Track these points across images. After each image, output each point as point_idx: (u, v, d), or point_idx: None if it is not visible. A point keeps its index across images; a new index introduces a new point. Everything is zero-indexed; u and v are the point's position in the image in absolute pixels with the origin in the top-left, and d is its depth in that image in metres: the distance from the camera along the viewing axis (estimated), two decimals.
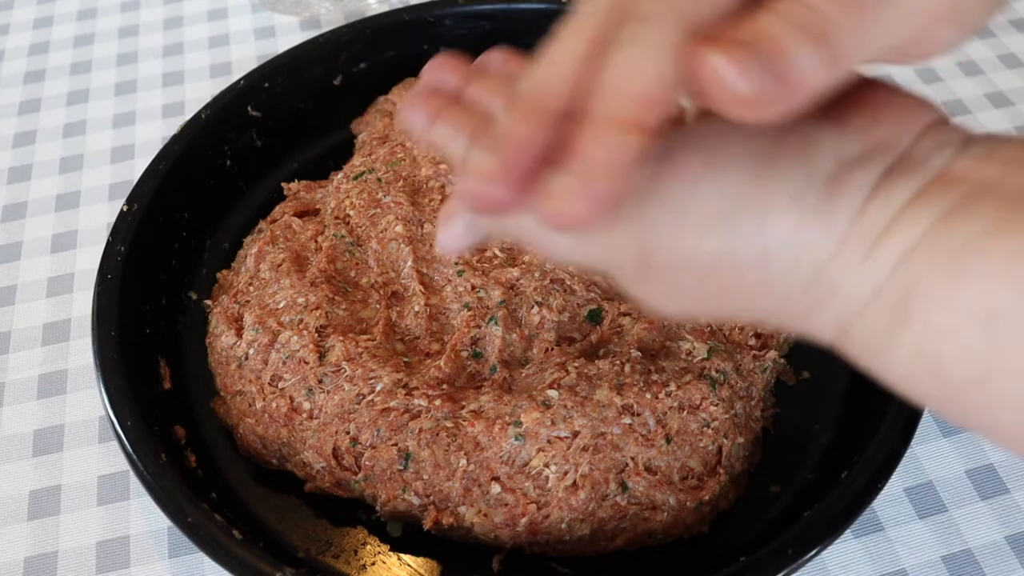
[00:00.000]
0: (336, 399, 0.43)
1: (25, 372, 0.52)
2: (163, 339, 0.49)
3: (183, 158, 0.53)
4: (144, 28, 0.73)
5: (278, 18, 0.73)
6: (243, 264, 0.51)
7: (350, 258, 0.50)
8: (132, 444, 0.41)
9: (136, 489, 0.46)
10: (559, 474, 0.41)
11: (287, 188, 0.55)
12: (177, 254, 0.53)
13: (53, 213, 0.60)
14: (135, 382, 0.44)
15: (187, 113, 0.64)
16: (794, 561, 0.37)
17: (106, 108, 0.67)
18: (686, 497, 0.41)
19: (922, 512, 0.44)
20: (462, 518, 0.41)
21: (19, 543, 0.45)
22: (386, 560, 0.43)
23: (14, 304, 0.55)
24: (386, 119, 0.58)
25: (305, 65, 0.59)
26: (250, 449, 0.45)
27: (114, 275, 0.47)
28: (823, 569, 0.42)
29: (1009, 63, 0.67)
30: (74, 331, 0.54)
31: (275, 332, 0.46)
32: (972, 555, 0.43)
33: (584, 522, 0.41)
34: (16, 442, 0.49)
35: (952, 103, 0.64)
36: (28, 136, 0.65)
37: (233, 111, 0.56)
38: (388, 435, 0.42)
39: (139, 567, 0.44)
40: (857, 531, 0.43)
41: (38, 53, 0.72)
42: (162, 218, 0.51)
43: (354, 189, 0.52)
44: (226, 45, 0.71)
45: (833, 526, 0.38)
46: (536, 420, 0.41)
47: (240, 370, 0.46)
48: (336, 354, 0.44)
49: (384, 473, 0.42)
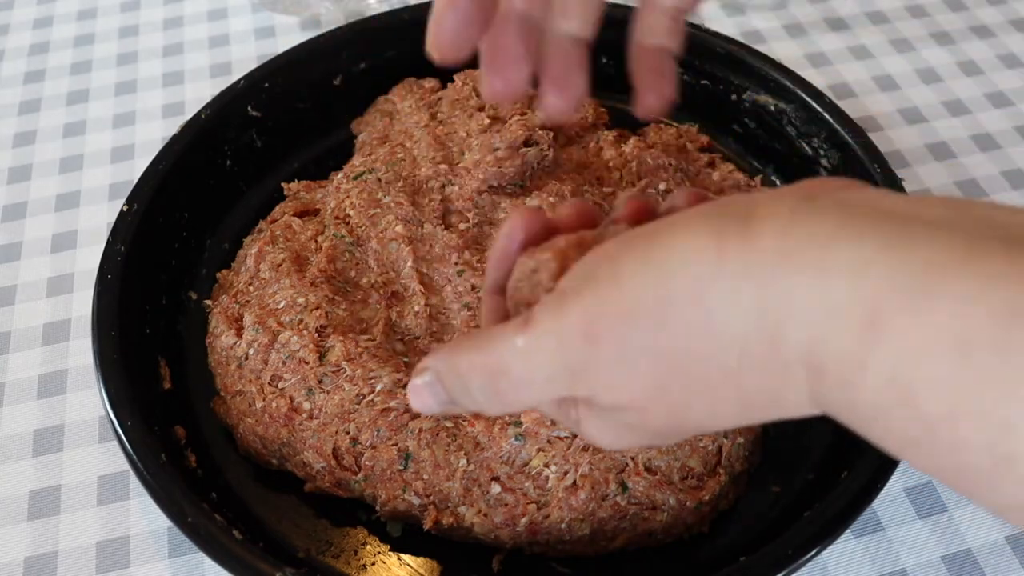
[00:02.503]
0: (336, 399, 0.43)
1: (25, 372, 0.52)
2: (163, 339, 0.49)
3: (183, 158, 0.53)
4: (144, 28, 0.73)
5: (278, 18, 0.73)
6: (243, 264, 0.51)
7: (350, 258, 0.50)
8: (132, 444, 0.41)
9: (136, 489, 0.46)
10: (559, 474, 0.41)
11: (287, 188, 0.55)
12: (177, 254, 0.53)
13: (53, 213, 0.60)
14: (135, 382, 0.44)
15: (187, 113, 0.64)
16: (794, 561, 0.37)
17: (106, 108, 0.67)
18: (686, 497, 0.41)
19: (922, 512, 0.44)
20: (462, 518, 0.41)
21: (19, 543, 0.45)
22: (386, 560, 0.43)
23: (14, 304, 0.55)
24: (386, 119, 0.58)
25: (305, 65, 0.59)
26: (250, 449, 0.45)
27: (114, 275, 0.47)
28: (823, 569, 0.42)
29: (1009, 63, 0.67)
30: (74, 331, 0.54)
31: (275, 332, 0.46)
32: (972, 555, 0.43)
33: (584, 522, 0.41)
34: (16, 442, 0.49)
35: (952, 103, 0.64)
36: (28, 136, 0.65)
37: (233, 111, 0.56)
38: (388, 435, 0.42)
39: (139, 567, 0.44)
40: (857, 531, 0.43)
41: (38, 53, 0.72)
42: (162, 218, 0.51)
43: (354, 189, 0.52)
44: (226, 45, 0.71)
45: (833, 526, 0.38)
46: (536, 420, 0.41)
47: (240, 370, 0.46)
48: (336, 354, 0.44)
49: (384, 473, 0.42)
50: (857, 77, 0.66)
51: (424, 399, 0.31)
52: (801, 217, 0.23)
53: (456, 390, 0.30)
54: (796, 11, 0.71)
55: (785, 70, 0.55)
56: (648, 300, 0.25)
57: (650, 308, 0.25)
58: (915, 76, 0.66)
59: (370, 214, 0.50)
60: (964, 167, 0.60)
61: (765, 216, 0.24)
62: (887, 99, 0.64)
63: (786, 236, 0.23)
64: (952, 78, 0.66)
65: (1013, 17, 0.70)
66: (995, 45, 0.68)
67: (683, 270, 0.24)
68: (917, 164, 0.60)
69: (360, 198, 0.51)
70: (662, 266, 0.25)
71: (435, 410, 0.31)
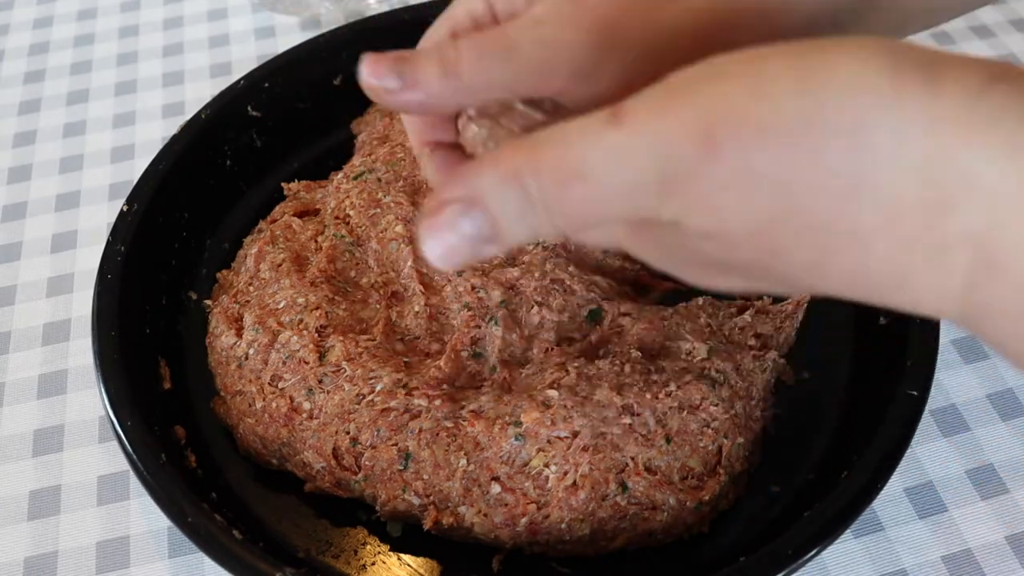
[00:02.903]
0: (336, 399, 0.43)
1: (25, 372, 0.52)
2: (163, 339, 0.49)
3: (183, 158, 0.53)
4: (144, 28, 0.73)
5: (278, 18, 0.73)
6: (243, 264, 0.51)
7: (350, 258, 0.50)
8: (132, 444, 0.41)
9: (136, 489, 0.46)
10: (559, 474, 0.41)
11: (287, 188, 0.55)
12: (177, 254, 0.53)
13: (53, 213, 0.60)
14: (135, 382, 0.44)
15: (187, 113, 0.64)
16: (794, 561, 0.37)
17: (106, 108, 0.67)
18: (686, 497, 0.41)
19: (922, 512, 0.44)
20: (462, 518, 0.41)
21: (19, 543, 0.45)
22: (386, 560, 0.43)
23: (14, 304, 0.55)
24: (386, 119, 0.57)
25: (305, 65, 0.59)
26: (250, 449, 0.45)
27: (114, 275, 0.47)
28: (823, 569, 0.42)
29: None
30: (74, 331, 0.54)
31: (275, 332, 0.46)
32: (972, 555, 0.43)
33: (584, 522, 0.41)
34: (16, 442, 0.49)
35: None
36: (28, 136, 0.65)
37: (233, 111, 0.56)
38: (388, 435, 0.42)
39: (139, 567, 0.44)
40: (857, 531, 0.43)
41: (38, 53, 0.72)
42: (162, 218, 0.51)
43: (354, 189, 0.52)
44: (226, 45, 0.71)
45: (833, 526, 0.38)
46: (536, 420, 0.41)
47: (240, 370, 0.46)
48: (336, 354, 0.44)
49: (384, 473, 0.42)
50: None
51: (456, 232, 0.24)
52: (999, 83, 0.20)
53: (506, 203, 0.23)
54: None
55: None
56: (794, 117, 0.20)
57: (794, 126, 0.20)
58: None
59: (370, 214, 0.50)
60: None
61: (954, 75, 0.20)
62: None
63: (977, 102, 0.20)
64: None
65: (1013, 17, 0.70)
66: (995, 45, 0.68)
67: (848, 94, 0.20)
68: None
69: (360, 198, 0.51)
70: (821, 81, 0.20)
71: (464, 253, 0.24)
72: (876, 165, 0.20)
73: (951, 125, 0.20)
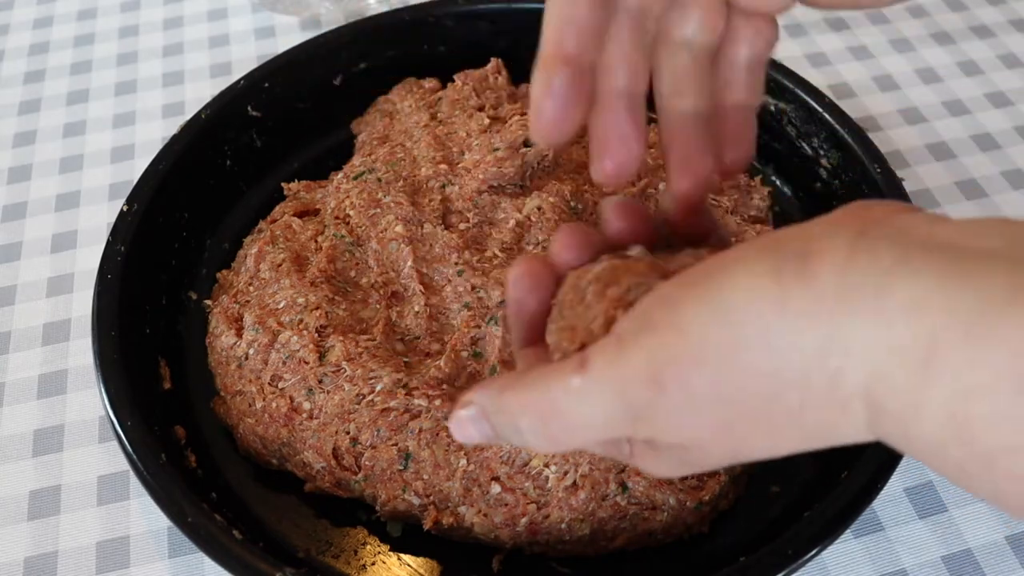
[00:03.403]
0: (336, 399, 0.43)
1: (25, 372, 0.52)
2: (163, 339, 0.49)
3: (183, 158, 0.53)
4: (144, 28, 0.73)
5: (278, 18, 0.73)
6: (243, 264, 0.51)
7: (350, 258, 0.50)
8: (132, 444, 0.41)
9: (136, 489, 0.46)
10: (559, 474, 0.41)
11: (287, 188, 0.55)
12: (177, 254, 0.53)
13: (53, 213, 0.60)
14: (135, 382, 0.44)
15: (187, 113, 0.64)
16: (794, 561, 0.37)
17: (106, 108, 0.67)
18: (686, 497, 0.41)
19: (922, 512, 0.44)
20: (462, 518, 0.41)
21: (19, 543, 0.45)
22: (386, 560, 0.43)
23: (14, 304, 0.55)
24: (386, 119, 0.57)
25: (305, 65, 0.59)
26: (250, 449, 0.45)
27: (114, 275, 0.47)
28: (823, 569, 0.42)
29: (1009, 63, 0.67)
30: (74, 331, 0.54)
31: (275, 332, 0.46)
32: (972, 555, 0.43)
33: (584, 522, 0.41)
34: (16, 442, 0.49)
35: (952, 103, 0.64)
36: (28, 136, 0.65)
37: (233, 111, 0.56)
38: (388, 435, 0.42)
39: (139, 567, 0.44)
40: (857, 531, 0.43)
41: (38, 53, 0.72)
42: (162, 218, 0.51)
43: (354, 189, 0.52)
44: (226, 45, 0.71)
45: (833, 526, 0.38)
46: None
47: (240, 370, 0.46)
48: (336, 354, 0.44)
49: (384, 473, 0.42)
50: (857, 77, 0.66)
51: (467, 431, 0.31)
52: (858, 254, 0.24)
53: (503, 428, 0.30)
54: (796, 11, 0.71)
55: (785, 70, 0.55)
56: (714, 344, 0.25)
57: (717, 353, 0.25)
58: (915, 76, 0.66)
59: (370, 214, 0.50)
60: (964, 167, 0.60)
61: (823, 252, 0.24)
62: (887, 99, 0.64)
63: (844, 275, 0.24)
64: (952, 78, 0.66)
65: (1013, 17, 0.70)
66: (995, 45, 0.68)
67: (747, 312, 0.24)
68: (917, 164, 0.60)
69: (360, 198, 0.51)
70: (725, 308, 0.25)
71: (477, 441, 0.31)
72: (784, 358, 0.24)
73: (829, 303, 0.24)
